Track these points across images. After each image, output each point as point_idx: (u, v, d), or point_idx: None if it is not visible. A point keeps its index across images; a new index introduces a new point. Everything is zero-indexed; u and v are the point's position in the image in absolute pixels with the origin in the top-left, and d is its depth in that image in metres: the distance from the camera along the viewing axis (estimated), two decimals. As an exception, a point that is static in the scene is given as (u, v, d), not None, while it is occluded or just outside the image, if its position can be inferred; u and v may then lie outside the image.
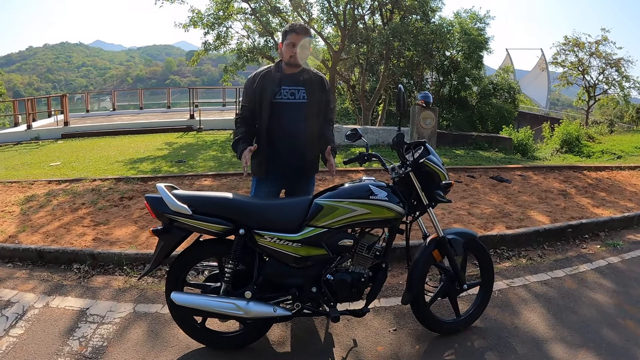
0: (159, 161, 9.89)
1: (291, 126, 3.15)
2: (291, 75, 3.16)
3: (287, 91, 3.13)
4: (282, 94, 3.13)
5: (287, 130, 3.15)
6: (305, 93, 3.15)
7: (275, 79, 3.14)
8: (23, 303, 3.55)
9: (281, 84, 3.13)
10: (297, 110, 3.14)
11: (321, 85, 3.23)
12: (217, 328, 3.09)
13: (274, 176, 3.26)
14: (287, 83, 3.14)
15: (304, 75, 3.19)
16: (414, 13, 17.00)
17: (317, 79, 3.23)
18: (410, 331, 3.21)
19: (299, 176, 3.31)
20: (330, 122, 3.36)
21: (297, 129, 3.15)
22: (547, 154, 14.88)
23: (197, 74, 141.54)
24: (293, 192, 3.37)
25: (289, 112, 3.13)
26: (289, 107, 3.13)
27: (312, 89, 3.17)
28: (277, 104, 3.12)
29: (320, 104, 3.21)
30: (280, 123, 3.14)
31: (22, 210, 5.81)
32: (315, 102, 3.17)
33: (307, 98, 3.15)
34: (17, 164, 10.22)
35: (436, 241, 3.05)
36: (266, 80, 3.14)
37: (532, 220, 5.37)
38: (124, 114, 22.09)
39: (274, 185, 3.29)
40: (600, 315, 3.45)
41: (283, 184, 3.34)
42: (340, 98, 24.66)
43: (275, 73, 3.16)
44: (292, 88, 3.14)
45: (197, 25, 16.50)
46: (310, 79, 3.19)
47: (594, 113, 32.42)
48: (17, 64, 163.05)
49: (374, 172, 7.75)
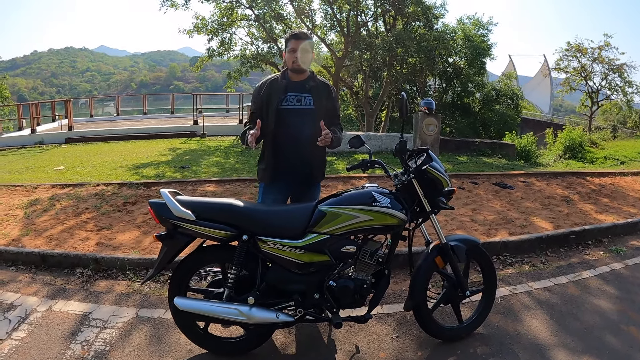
0: (162, 166, 9.92)
1: (297, 132, 3.15)
2: (297, 83, 3.19)
3: (294, 98, 3.16)
4: (288, 101, 3.15)
5: (293, 136, 3.16)
6: (312, 100, 3.17)
7: (282, 86, 3.16)
8: (26, 306, 3.57)
9: (287, 91, 3.15)
10: (303, 117, 3.16)
11: (328, 92, 3.26)
12: (219, 334, 3.10)
13: (281, 183, 3.28)
14: (293, 90, 3.17)
15: (310, 82, 3.21)
16: (416, 20, 17.05)
17: (323, 87, 3.26)
18: (413, 338, 3.21)
19: (306, 182, 3.34)
20: (338, 126, 3.35)
21: (303, 136, 3.15)
22: (550, 160, 14.86)
23: (200, 79, 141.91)
24: (300, 198, 3.38)
25: (295, 119, 3.15)
26: (295, 113, 3.15)
27: (319, 96, 3.20)
28: (283, 110, 3.14)
29: (328, 111, 3.23)
30: (286, 129, 3.15)
31: (25, 214, 5.83)
32: (323, 109, 3.19)
33: (314, 105, 3.17)
34: (21, 168, 10.27)
35: (439, 248, 3.05)
36: (272, 88, 3.17)
37: (535, 226, 5.37)
38: (128, 119, 22.19)
39: (280, 192, 3.31)
40: (603, 322, 3.44)
41: (290, 190, 3.35)
42: (343, 104, 24.66)
43: (282, 81, 3.19)
44: (299, 95, 3.17)
45: (201, 32, 16.57)
46: (317, 86, 3.22)
47: (597, 119, 32.36)
48: (22, 68, 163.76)
49: (376, 178, 7.75)
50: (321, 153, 3.29)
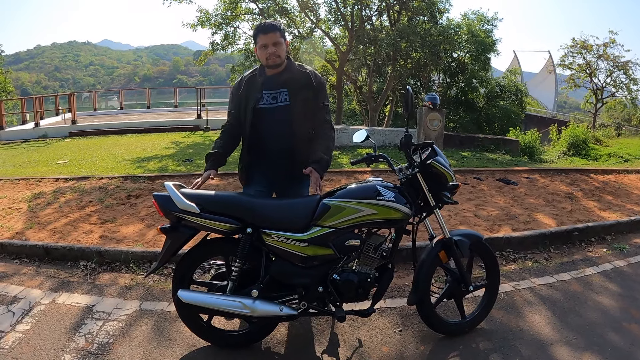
0: (166, 160, 9.93)
1: (276, 131, 3.06)
2: (272, 78, 3.06)
3: (269, 95, 3.05)
4: (264, 99, 3.04)
5: (272, 135, 3.08)
6: (288, 95, 3.05)
7: (258, 84, 3.06)
8: (29, 299, 3.58)
9: (262, 89, 3.05)
10: (280, 114, 3.04)
11: (306, 81, 3.08)
12: (223, 326, 3.11)
13: (259, 183, 3.20)
14: (269, 87, 3.05)
15: (286, 74, 3.07)
16: (421, 14, 16.99)
17: (300, 76, 3.08)
18: (416, 332, 3.21)
19: (288, 179, 3.22)
20: (325, 123, 3.16)
21: (280, 134, 3.06)
22: (554, 156, 14.84)
23: (204, 73, 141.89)
24: (284, 195, 3.29)
25: (272, 117, 3.05)
26: (271, 111, 3.05)
27: (295, 89, 3.05)
28: (260, 110, 3.04)
29: (306, 103, 3.07)
30: (265, 129, 3.07)
31: (29, 207, 5.85)
32: (299, 102, 3.05)
33: (289, 100, 3.05)
34: (25, 162, 10.29)
35: (442, 242, 3.05)
36: (250, 86, 3.08)
37: (538, 222, 5.36)
38: (132, 112, 22.18)
39: (260, 191, 3.18)
40: (606, 319, 3.43)
41: (271, 188, 3.25)
42: (347, 99, 24.65)
43: (258, 78, 3.09)
44: (274, 92, 3.05)
45: (205, 25, 16.55)
46: (293, 78, 3.06)
47: (601, 116, 32.26)
48: (26, 63, 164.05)
49: (381, 172, 7.74)
50: (304, 148, 3.12)
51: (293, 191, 3.26)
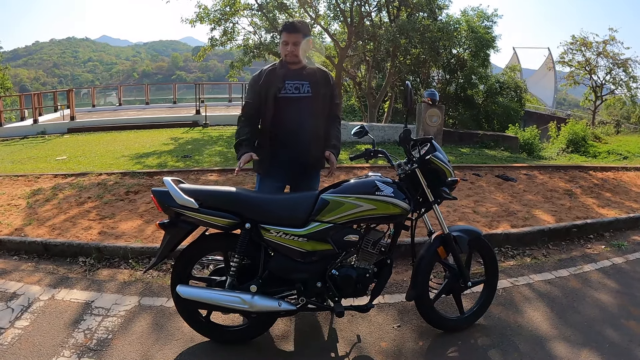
0: (164, 156, 9.92)
1: (296, 121, 3.15)
2: (295, 71, 3.17)
3: (292, 86, 3.14)
4: (287, 89, 3.13)
5: (292, 125, 3.16)
6: (310, 87, 3.16)
7: (279, 75, 3.14)
8: (29, 295, 3.58)
9: (285, 79, 3.14)
10: (301, 105, 3.15)
11: (325, 80, 3.24)
12: (221, 322, 3.11)
13: (277, 174, 3.26)
14: (291, 78, 3.15)
15: (308, 70, 3.20)
16: (421, 10, 16.95)
17: (321, 74, 3.24)
18: (414, 327, 3.22)
19: (304, 171, 3.31)
20: (337, 118, 3.37)
21: (301, 124, 3.15)
22: (553, 153, 14.85)
23: (203, 69, 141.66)
24: (297, 187, 3.37)
25: (293, 107, 3.14)
26: (293, 101, 3.14)
27: (317, 83, 3.18)
28: (282, 99, 3.12)
29: (325, 98, 3.21)
30: (285, 118, 3.14)
31: (28, 203, 5.84)
32: (320, 96, 3.18)
33: (311, 92, 3.16)
34: (24, 158, 10.27)
35: (441, 238, 3.05)
36: (271, 77, 3.15)
37: (537, 219, 5.36)
38: (130, 109, 22.17)
39: (277, 180, 3.28)
40: (604, 316, 3.44)
41: (287, 179, 3.34)
42: (346, 95, 24.63)
43: (280, 69, 3.17)
44: (297, 82, 3.15)
45: (204, 21, 16.52)
46: (314, 74, 3.20)
47: (600, 113, 32.27)
48: (24, 59, 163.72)
49: (379, 168, 7.74)
50: (320, 141, 3.24)
51: (305, 184, 3.34)
